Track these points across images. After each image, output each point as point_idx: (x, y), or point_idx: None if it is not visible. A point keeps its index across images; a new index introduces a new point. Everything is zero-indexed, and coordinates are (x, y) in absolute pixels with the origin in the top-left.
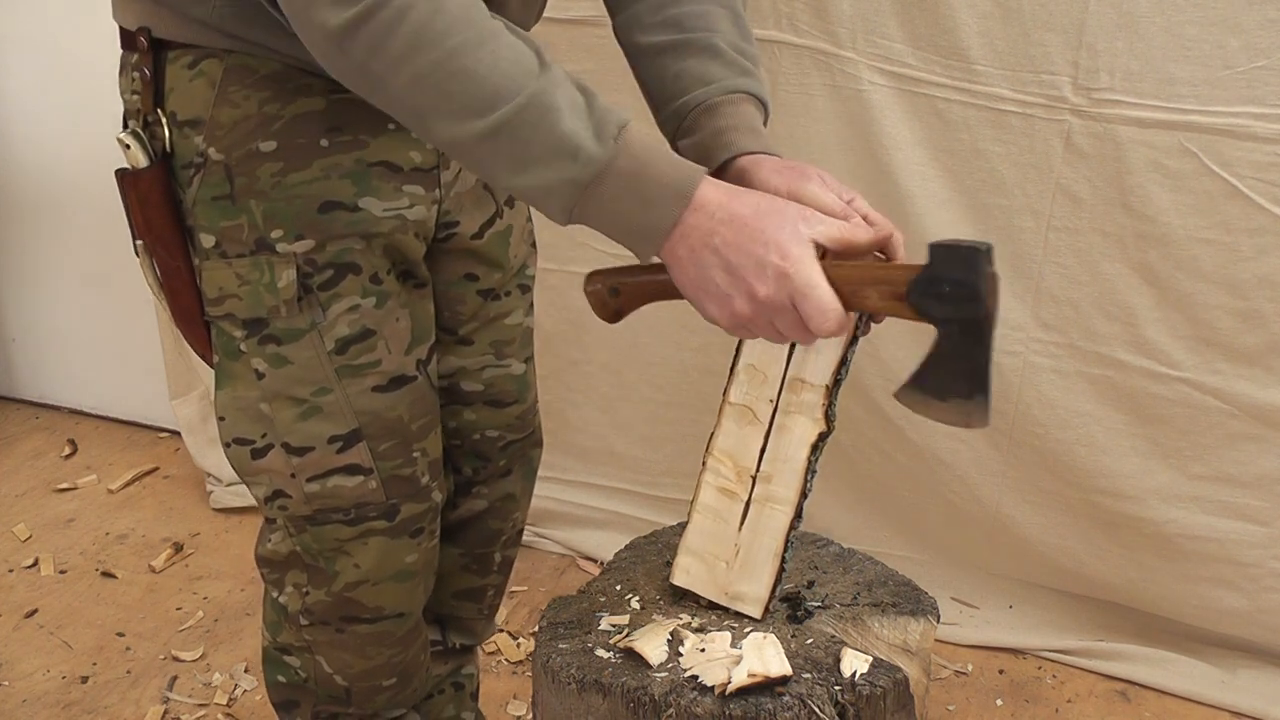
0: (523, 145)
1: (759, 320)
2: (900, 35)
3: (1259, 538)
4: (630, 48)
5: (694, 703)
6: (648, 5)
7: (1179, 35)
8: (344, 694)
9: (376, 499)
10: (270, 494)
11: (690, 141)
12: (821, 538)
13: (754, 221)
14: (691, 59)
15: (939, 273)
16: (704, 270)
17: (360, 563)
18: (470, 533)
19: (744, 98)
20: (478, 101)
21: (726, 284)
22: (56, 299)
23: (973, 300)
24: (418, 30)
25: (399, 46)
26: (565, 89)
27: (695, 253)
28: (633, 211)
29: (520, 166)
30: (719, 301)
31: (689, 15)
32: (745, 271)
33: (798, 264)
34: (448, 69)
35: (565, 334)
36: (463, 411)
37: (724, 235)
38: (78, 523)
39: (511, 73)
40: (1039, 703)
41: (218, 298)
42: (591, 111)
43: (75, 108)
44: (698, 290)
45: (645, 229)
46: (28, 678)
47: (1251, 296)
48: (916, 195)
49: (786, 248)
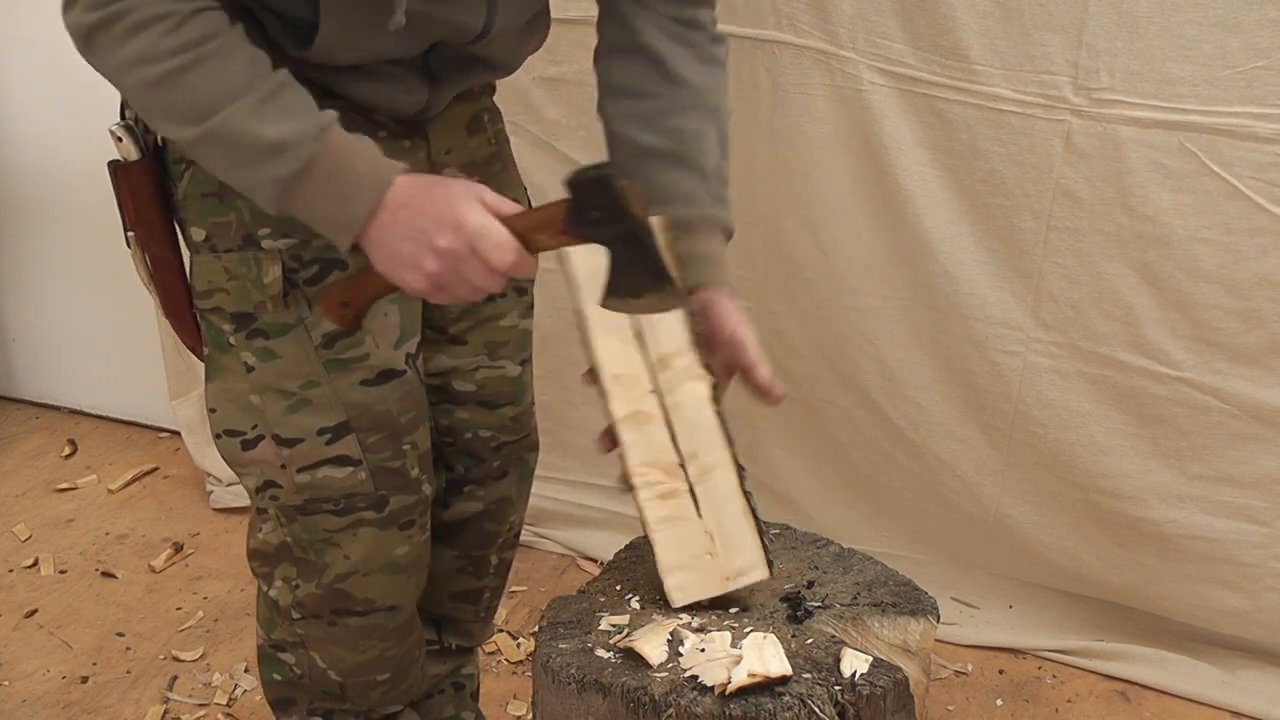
0: (231, 149)
1: (449, 274)
2: (900, 35)
3: (1259, 538)
4: (620, 137)
5: (694, 703)
6: (650, 106)
7: (1179, 35)
8: (338, 690)
9: (365, 490)
10: (261, 484)
11: None
12: (821, 538)
13: (429, 191)
14: (679, 173)
15: (583, 204)
16: (393, 244)
17: (350, 554)
18: (466, 535)
19: (717, 228)
20: (193, 111)
21: (413, 248)
22: (56, 299)
23: (620, 218)
24: (148, 45)
25: (130, 54)
26: (280, 97)
27: (385, 230)
28: (333, 206)
29: (233, 166)
30: (411, 267)
31: (686, 131)
32: (426, 231)
33: (468, 212)
34: (168, 82)
35: (564, 334)
36: (455, 410)
37: (407, 209)
38: (78, 523)
39: (226, 90)
40: (1039, 703)
41: (207, 291)
42: (299, 116)
43: (76, 108)
44: (392, 264)
45: (343, 222)
46: (28, 678)
47: (1251, 296)
48: (916, 195)
49: (456, 202)
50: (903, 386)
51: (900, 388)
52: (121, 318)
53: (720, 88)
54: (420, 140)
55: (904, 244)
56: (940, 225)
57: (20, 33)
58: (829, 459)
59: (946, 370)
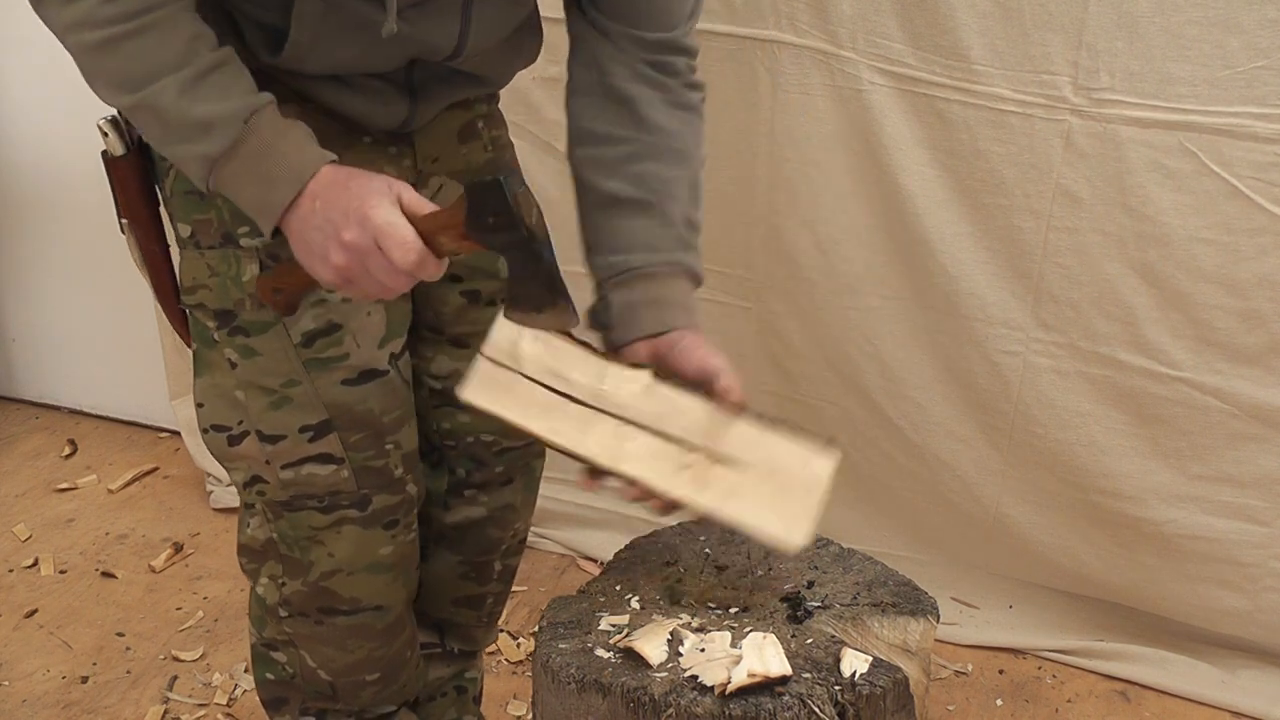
0: (162, 122)
1: (355, 268)
2: (900, 35)
3: (1259, 538)
4: (585, 184)
5: (694, 703)
6: (616, 152)
7: (1179, 35)
8: (329, 689)
9: (349, 488)
10: (249, 479)
11: (623, 299)
12: (821, 538)
13: (345, 183)
14: (643, 220)
15: (479, 209)
16: (308, 233)
17: (334, 552)
18: (469, 541)
19: (681, 271)
20: (127, 80)
21: (322, 239)
22: (57, 299)
23: (512, 225)
24: (87, 10)
25: (70, 18)
26: (215, 75)
27: (300, 220)
28: (257, 189)
29: (163, 139)
30: (320, 258)
31: (652, 176)
32: (334, 223)
33: (376, 208)
34: (105, 48)
35: None
36: (456, 414)
37: (323, 199)
38: (78, 523)
39: (163, 58)
40: (1039, 703)
41: (191, 286)
42: (232, 95)
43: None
44: (306, 253)
45: (266, 206)
46: (28, 678)
47: (1251, 296)
48: (916, 195)
49: (366, 197)
50: (903, 386)
51: (900, 388)
52: (121, 318)
53: (693, 134)
54: (406, 148)
55: (904, 244)
56: (940, 225)
57: (20, 33)
58: None
59: (946, 370)
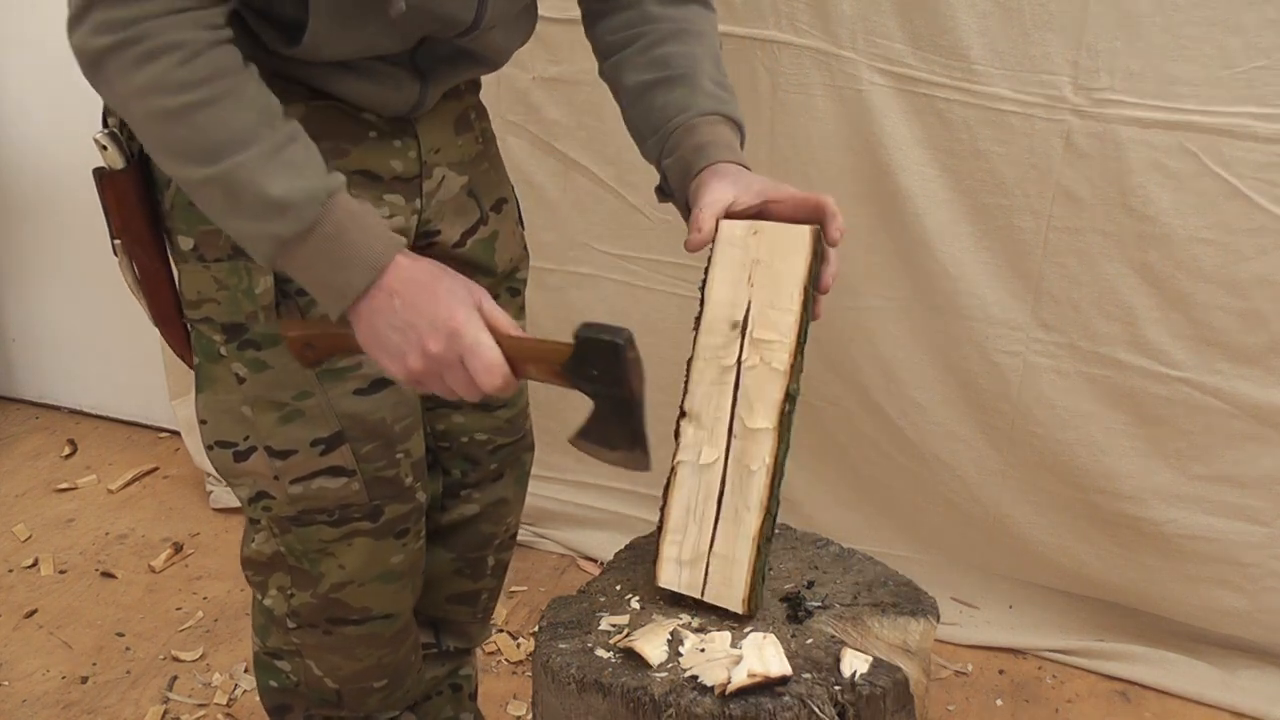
0: (233, 198)
1: (431, 375)
2: (900, 35)
3: (1259, 538)
4: (619, 88)
5: (694, 703)
6: (636, 48)
7: (1179, 35)
8: (335, 697)
9: (360, 500)
10: (254, 495)
11: (672, 159)
12: (821, 538)
13: (431, 285)
14: (675, 91)
15: (587, 360)
16: (382, 329)
17: (345, 564)
18: (463, 537)
19: (720, 119)
20: (200, 151)
21: (401, 341)
22: (56, 299)
23: (618, 385)
24: (160, 75)
25: (140, 83)
26: (288, 151)
27: (376, 313)
28: (328, 272)
29: (231, 214)
30: (395, 357)
31: (674, 55)
32: (418, 329)
33: (467, 324)
34: (179, 117)
35: (565, 334)
36: (451, 415)
37: (403, 297)
38: (78, 523)
39: (236, 134)
40: (1039, 703)
41: (196, 301)
42: (307, 174)
43: (75, 108)
44: (376, 347)
45: (337, 289)
46: (28, 678)
47: (1251, 296)
48: (916, 195)
49: (456, 309)
50: (903, 386)
51: (900, 388)
52: (121, 318)
53: (704, 20)
54: (410, 140)
55: (904, 244)
56: (940, 225)
57: (20, 33)
58: (829, 459)
59: (946, 370)
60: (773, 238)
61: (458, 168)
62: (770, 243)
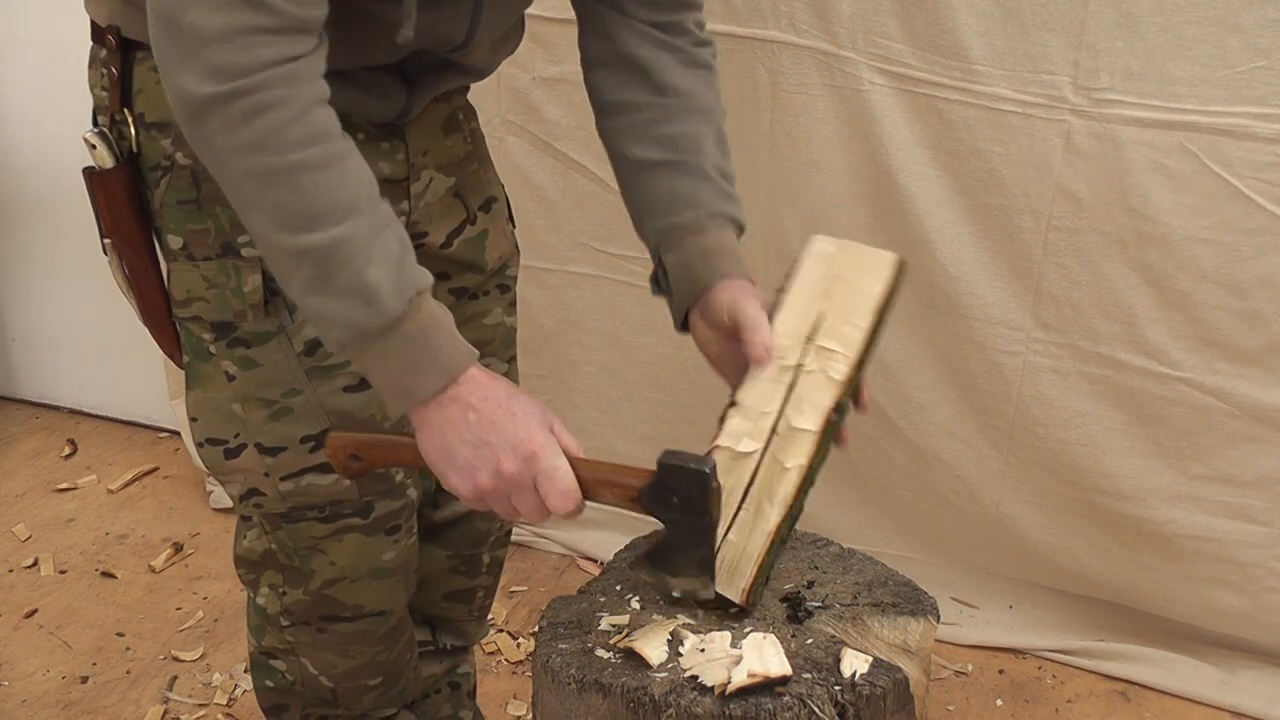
0: (325, 275)
1: (499, 494)
2: (900, 35)
3: (1259, 538)
4: (619, 158)
5: (694, 703)
6: (641, 119)
7: (1179, 35)
8: (330, 695)
9: (350, 497)
10: (245, 492)
11: (676, 259)
12: (821, 538)
13: (508, 404)
14: (680, 179)
15: (669, 487)
16: (454, 442)
17: (336, 560)
18: (457, 534)
19: (726, 222)
20: (298, 219)
21: (474, 457)
22: (57, 299)
23: (699, 514)
24: (270, 131)
25: (247, 137)
26: (385, 235)
27: (448, 423)
28: (401, 373)
29: (315, 291)
30: (463, 472)
31: (680, 136)
32: (495, 447)
33: (545, 448)
34: (282, 178)
35: (565, 334)
36: None
37: (480, 412)
38: (78, 523)
39: (340, 204)
40: (1039, 703)
41: (185, 299)
42: (400, 265)
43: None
44: (442, 459)
45: (408, 390)
46: (28, 678)
47: (1251, 296)
48: (916, 195)
49: (535, 431)
50: (903, 386)
51: (900, 388)
52: (122, 318)
53: (710, 90)
54: (398, 142)
55: (904, 244)
56: (940, 225)
57: (20, 33)
58: (829, 459)
59: (946, 370)
60: (859, 257)
61: (445, 169)
62: (856, 261)
